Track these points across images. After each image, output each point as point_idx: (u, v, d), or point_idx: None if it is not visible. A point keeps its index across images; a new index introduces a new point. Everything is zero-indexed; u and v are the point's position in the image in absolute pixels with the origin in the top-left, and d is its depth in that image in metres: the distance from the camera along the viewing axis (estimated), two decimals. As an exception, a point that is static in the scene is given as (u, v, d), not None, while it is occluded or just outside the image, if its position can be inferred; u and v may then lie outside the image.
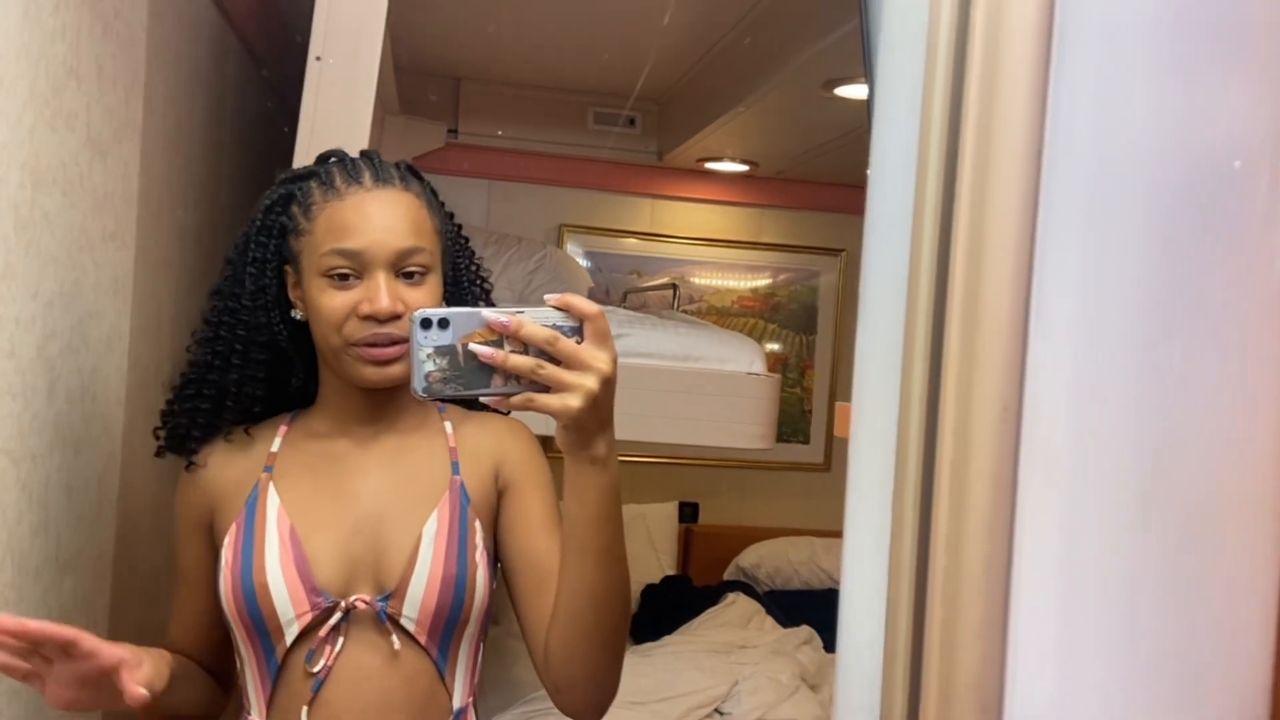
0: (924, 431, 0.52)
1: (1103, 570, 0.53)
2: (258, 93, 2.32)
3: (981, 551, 0.48)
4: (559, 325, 0.88)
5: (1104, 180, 0.49)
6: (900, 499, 0.52)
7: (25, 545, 1.16)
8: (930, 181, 0.51)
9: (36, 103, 1.11)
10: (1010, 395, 0.48)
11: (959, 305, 0.50)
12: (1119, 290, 0.50)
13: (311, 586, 1.07)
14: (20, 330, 1.11)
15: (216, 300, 1.16)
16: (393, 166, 1.14)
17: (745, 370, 1.92)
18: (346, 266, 1.07)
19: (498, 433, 1.18)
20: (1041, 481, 0.50)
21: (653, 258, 4.00)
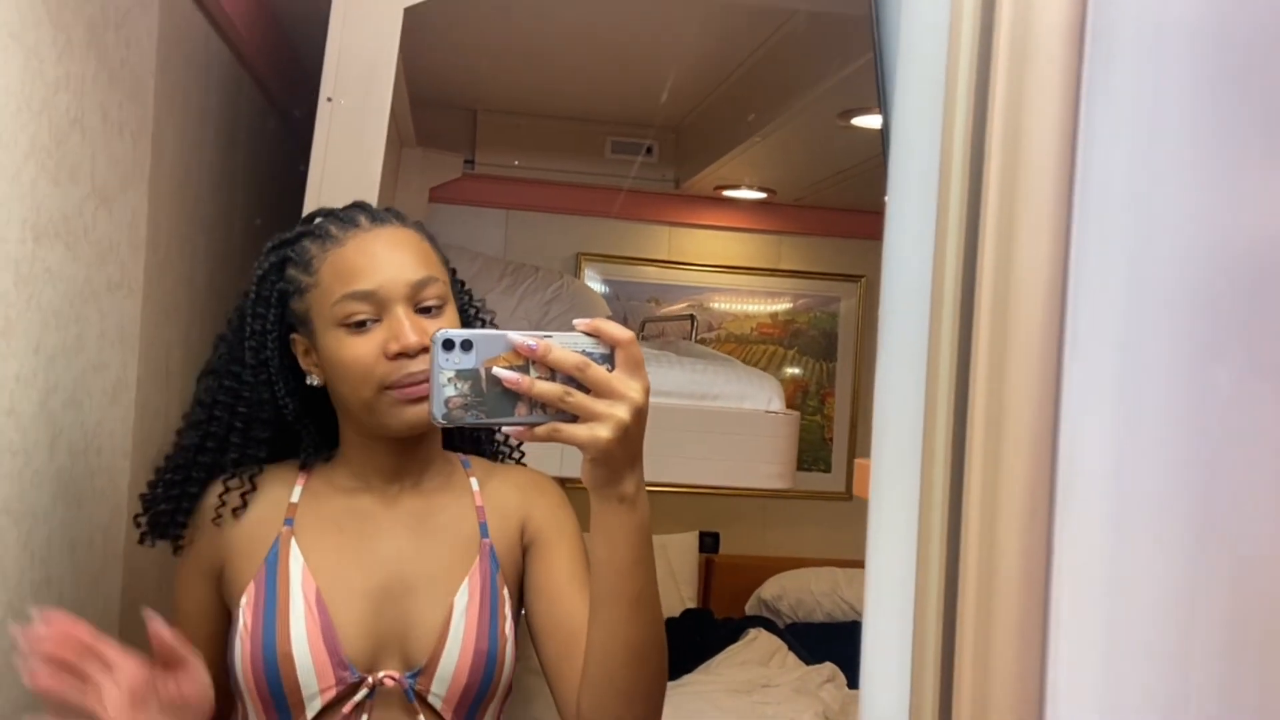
0: (949, 489, 0.48)
1: (1150, 615, 0.49)
2: (272, 133, 2.32)
3: (1015, 606, 0.45)
4: (588, 351, 0.83)
5: (1141, 234, 0.46)
6: (925, 570, 0.48)
7: (28, 603, 1.14)
8: (950, 252, 0.48)
9: (38, 155, 1.10)
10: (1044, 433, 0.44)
11: (984, 358, 0.46)
12: (1159, 323, 0.46)
13: (339, 659, 1.02)
14: (21, 386, 1.09)
15: (210, 380, 1.11)
16: (384, 210, 1.11)
17: (763, 408, 1.88)
18: (363, 310, 1.02)
19: (523, 486, 1.14)
20: (1080, 524, 0.46)
21: (671, 285, 3.97)
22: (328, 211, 1.11)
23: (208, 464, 1.10)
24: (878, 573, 0.58)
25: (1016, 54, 0.48)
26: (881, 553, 0.55)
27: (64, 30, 1.14)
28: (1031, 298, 0.48)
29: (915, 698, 0.53)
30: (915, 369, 0.51)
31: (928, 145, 0.53)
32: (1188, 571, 0.49)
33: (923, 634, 0.52)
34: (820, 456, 3.97)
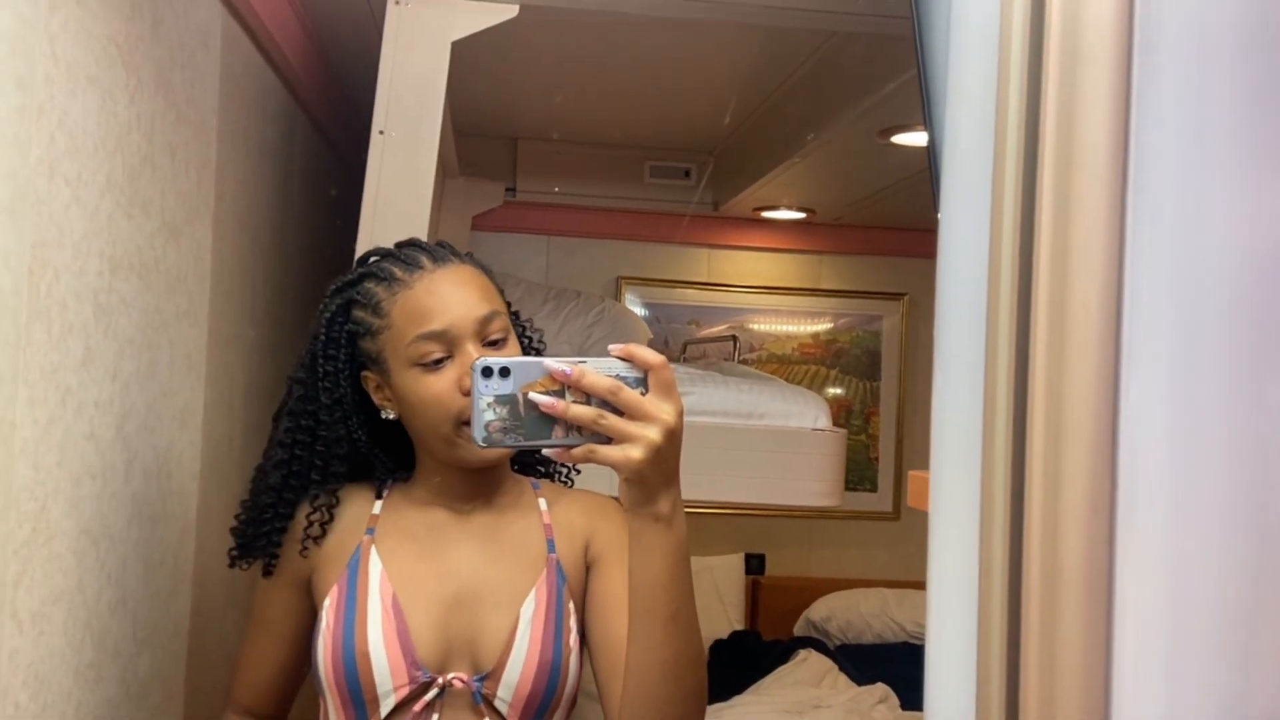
0: (1009, 509, 0.49)
1: (1212, 624, 0.49)
2: (325, 165, 2.39)
3: (1079, 614, 0.45)
4: (622, 375, 0.86)
5: (1193, 242, 0.47)
6: (988, 581, 0.49)
7: (104, 622, 1.18)
8: (1005, 267, 0.50)
9: (114, 191, 1.15)
10: (1100, 496, 0.46)
11: (1042, 369, 0.47)
12: (1214, 331, 0.47)
13: (412, 660, 1.07)
14: (99, 412, 1.14)
15: (288, 421, 1.15)
16: (440, 247, 1.15)
17: (810, 426, 1.89)
18: (436, 350, 1.07)
19: (588, 509, 1.18)
20: (1142, 533, 0.47)
21: (712, 307, 3.99)
22: (385, 252, 1.15)
23: (293, 499, 1.16)
24: (940, 584, 0.59)
25: (1066, 69, 0.50)
26: (943, 565, 0.56)
27: (135, 72, 1.20)
28: (1087, 309, 0.49)
29: (981, 710, 0.54)
30: (973, 382, 0.53)
31: (980, 161, 0.54)
32: (1249, 580, 0.49)
33: (987, 645, 0.53)
34: (866, 476, 3.96)
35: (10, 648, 0.96)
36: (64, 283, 1.03)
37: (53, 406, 1.02)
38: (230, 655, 1.71)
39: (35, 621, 1.00)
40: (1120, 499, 0.50)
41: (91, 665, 1.15)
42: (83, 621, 1.12)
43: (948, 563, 0.57)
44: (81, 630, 1.12)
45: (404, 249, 1.14)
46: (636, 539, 0.92)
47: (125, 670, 1.25)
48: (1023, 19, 0.51)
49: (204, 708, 1.57)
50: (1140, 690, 0.50)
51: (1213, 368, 0.47)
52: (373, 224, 1.75)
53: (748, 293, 3.97)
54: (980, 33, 0.57)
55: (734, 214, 3.74)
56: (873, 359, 4.05)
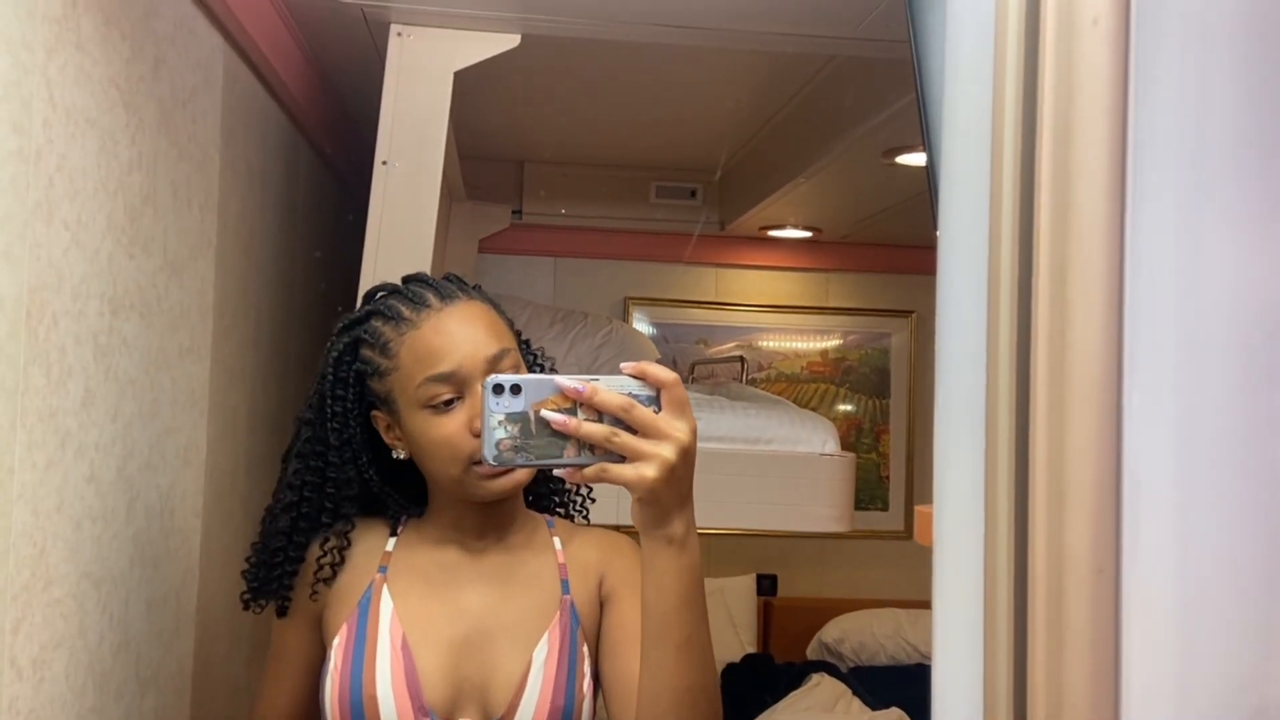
0: (1013, 522, 0.48)
1: (1222, 653, 0.48)
2: (329, 195, 2.39)
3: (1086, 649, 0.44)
4: (635, 394, 0.85)
5: (1194, 270, 0.46)
6: (993, 614, 0.48)
7: (106, 666, 1.17)
8: (1004, 292, 0.49)
9: (114, 232, 1.15)
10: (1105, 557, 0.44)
11: (1043, 394, 0.46)
12: (1214, 358, 0.46)
13: (420, 705, 1.05)
14: (100, 455, 1.13)
15: (297, 463, 1.14)
16: (447, 282, 1.13)
17: (818, 451, 1.88)
18: (445, 391, 1.05)
19: (602, 546, 1.17)
20: (1147, 563, 0.46)
21: (719, 326, 3.98)
22: (392, 288, 1.14)
23: (303, 542, 1.14)
24: (945, 618, 0.58)
25: (1062, 92, 0.49)
26: (949, 598, 0.55)
27: (136, 112, 1.20)
28: (1088, 334, 0.48)
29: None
30: (974, 409, 0.52)
31: (977, 185, 0.54)
32: (1258, 608, 0.48)
33: (994, 679, 0.52)
34: (877, 495, 3.93)
35: (10, 695, 0.95)
36: (63, 326, 1.03)
37: (51, 450, 1.01)
38: (235, 692, 1.70)
39: (36, 668, 1.00)
40: (1125, 530, 0.49)
41: (94, 709, 1.14)
42: (84, 665, 1.11)
43: (954, 597, 0.56)
44: (83, 674, 1.11)
45: (411, 285, 1.13)
46: (650, 563, 0.90)
47: (129, 712, 1.24)
48: (1016, 46, 0.50)
49: (210, 745, 1.56)
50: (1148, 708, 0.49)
51: (1214, 396, 0.46)
52: (376, 254, 1.75)
53: (755, 311, 3.97)
54: (974, 56, 0.56)
55: (740, 233, 3.74)
56: (882, 376, 4.03)
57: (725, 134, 3.05)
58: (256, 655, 1.78)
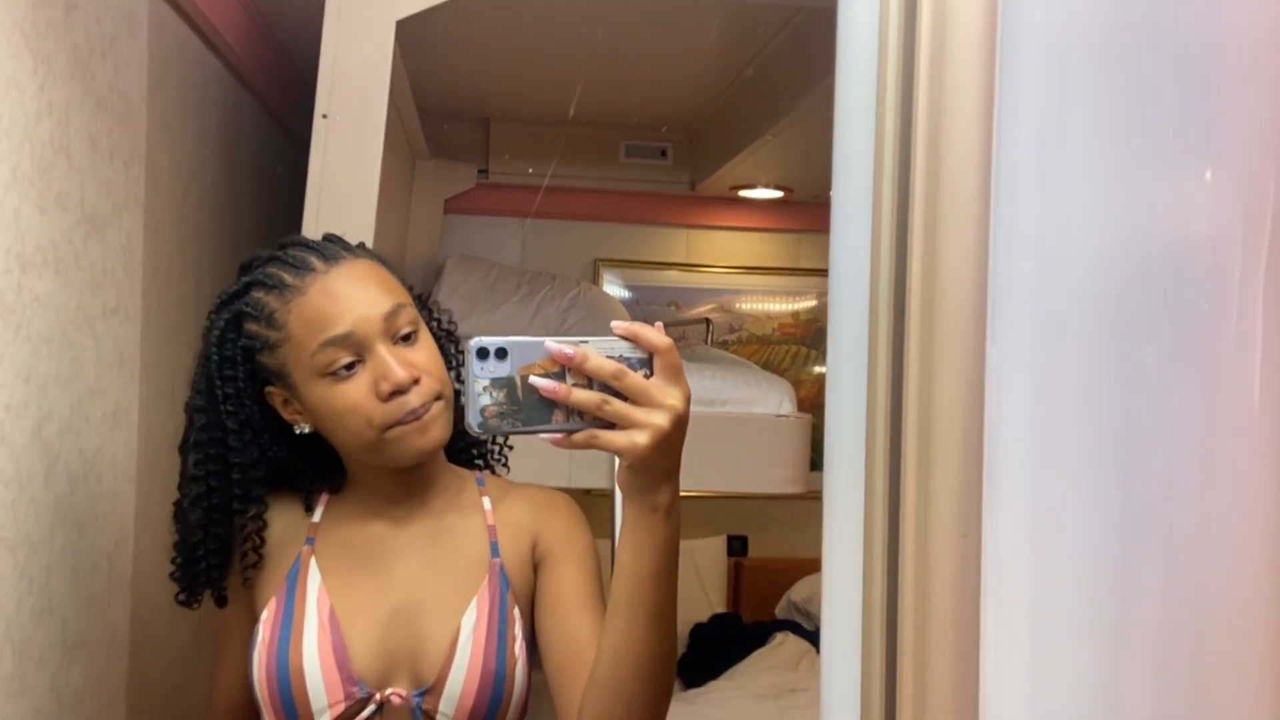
0: (886, 556, 0.46)
1: (1081, 613, 0.46)
2: (277, 149, 2.33)
3: (950, 603, 0.43)
4: (625, 357, 0.81)
5: (1052, 228, 0.44)
6: (869, 562, 0.46)
7: (27, 632, 1.14)
8: (884, 255, 0.46)
9: (21, 184, 1.10)
10: (970, 521, 0.42)
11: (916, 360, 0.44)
12: (1072, 315, 0.44)
13: (348, 675, 1.03)
14: (11, 416, 1.09)
15: (197, 453, 1.07)
16: (329, 243, 1.07)
17: (774, 413, 1.85)
18: (343, 356, 1.00)
19: (537, 505, 1.13)
20: (1005, 605, 0.44)
21: (691, 288, 3.95)
22: (269, 256, 1.07)
23: (221, 534, 1.09)
24: (832, 574, 0.57)
25: (935, 64, 0.47)
26: (836, 560, 0.53)
27: (45, 60, 1.14)
28: (957, 314, 0.47)
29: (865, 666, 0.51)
30: (859, 382, 0.50)
31: (864, 149, 0.52)
32: (1115, 550, 0.47)
33: (870, 627, 0.51)
34: (848, 455, 3.93)
35: (-93, 667, 0.92)
36: (-40, 282, 0.98)
37: (-50, 413, 0.97)
38: (183, 659, 1.68)
39: (-63, 638, 0.96)
40: (988, 479, 0.47)
41: (14, 676, 1.11)
42: (1, 632, 1.08)
43: (839, 556, 0.55)
44: (0, 640, 1.08)
45: (290, 250, 1.06)
46: (630, 529, 0.88)
47: (55, 679, 1.21)
48: (898, 20, 0.48)
49: (153, 713, 1.53)
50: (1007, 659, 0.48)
51: (1071, 352, 0.44)
52: (318, 211, 1.70)
53: (727, 273, 3.93)
54: (861, 34, 0.54)
55: (711, 194, 3.69)
56: (854, 338, 4.01)
57: (694, 91, 2.99)
58: (201, 623, 1.75)
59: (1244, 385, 0.41)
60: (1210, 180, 0.41)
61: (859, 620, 0.53)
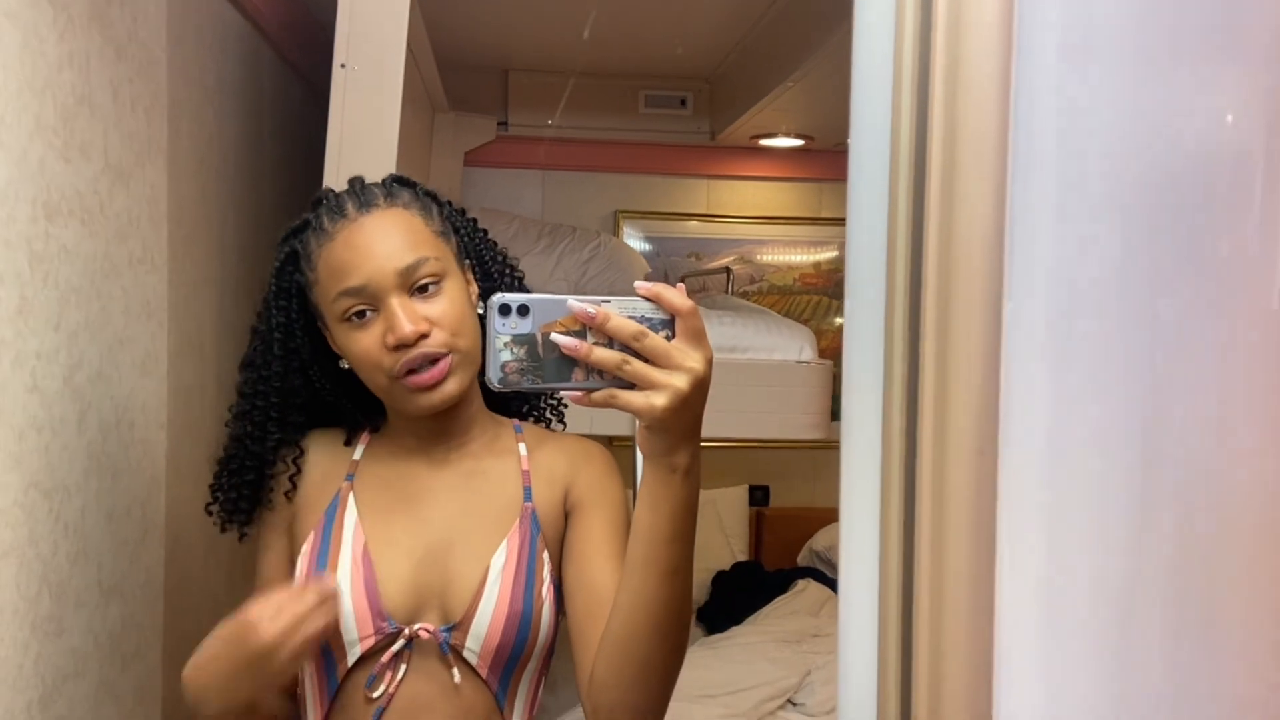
0: (904, 478, 0.46)
1: (1093, 576, 0.47)
2: (297, 101, 2.32)
3: (965, 562, 0.43)
4: (647, 317, 0.81)
5: (1073, 175, 0.43)
6: (886, 516, 0.47)
7: (64, 575, 1.17)
8: (901, 198, 0.46)
9: (45, 134, 1.11)
10: (986, 439, 0.42)
11: (933, 309, 0.44)
12: (1096, 288, 0.43)
13: (378, 610, 1.06)
14: (42, 363, 1.11)
15: (249, 372, 1.13)
16: (376, 186, 1.10)
17: (794, 359, 1.85)
18: (358, 305, 1.03)
19: (571, 454, 1.15)
20: (1023, 489, 0.45)
21: (711, 239, 3.93)
22: (327, 195, 1.11)
23: (257, 453, 1.13)
24: (850, 488, 0.57)
25: None
26: (854, 473, 0.54)
27: (64, 9, 1.15)
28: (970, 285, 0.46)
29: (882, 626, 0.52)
30: (877, 325, 0.50)
31: (882, 88, 0.51)
32: (1130, 499, 0.47)
33: (888, 539, 0.51)
34: (870, 406, 3.93)
35: (-49, 604, 0.94)
36: (-11, 231, 1.00)
37: (-16, 359, 0.99)
38: (215, 606, 1.72)
39: (-21, 577, 0.99)
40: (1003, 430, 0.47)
41: (52, 617, 1.15)
42: (38, 574, 1.11)
43: (857, 470, 0.55)
44: (37, 583, 1.11)
45: (340, 195, 1.09)
46: (648, 488, 0.88)
47: (92, 621, 1.25)
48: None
49: (186, 656, 1.57)
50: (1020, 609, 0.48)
51: (1090, 291, 0.43)
52: (339, 161, 1.70)
53: (748, 223, 3.90)
54: None
55: (731, 143, 3.66)
56: (876, 288, 3.99)
57: (713, 38, 2.95)
58: (236, 569, 1.79)
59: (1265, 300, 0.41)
60: (1231, 85, 0.41)
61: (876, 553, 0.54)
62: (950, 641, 0.49)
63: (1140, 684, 0.45)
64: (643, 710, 0.97)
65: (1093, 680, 0.47)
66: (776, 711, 2.47)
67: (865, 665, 0.57)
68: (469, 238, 1.16)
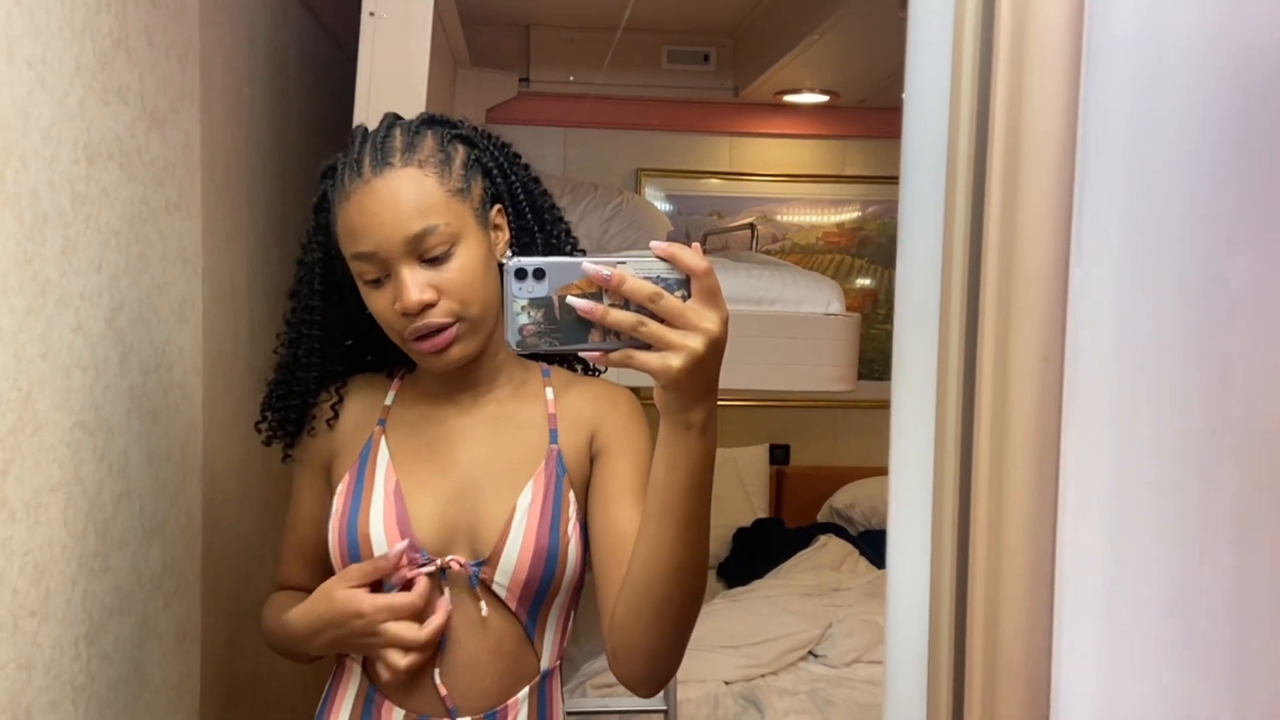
0: (961, 389, 0.47)
1: (1157, 524, 0.47)
2: (323, 53, 2.32)
3: (1024, 515, 0.44)
4: (663, 278, 0.82)
5: (1146, 78, 0.42)
6: (941, 469, 0.47)
7: (108, 514, 1.20)
8: (964, 118, 0.46)
9: (84, 76, 1.12)
10: (1052, 342, 0.42)
11: (995, 242, 0.44)
12: (1168, 211, 0.43)
13: (411, 544, 1.09)
14: (86, 304, 1.13)
15: (294, 302, 1.18)
16: (396, 136, 1.08)
17: (822, 311, 1.85)
18: (370, 270, 1.06)
19: (598, 399, 1.17)
20: (1086, 433, 0.45)
21: (734, 198, 3.91)
22: (356, 136, 1.10)
23: (303, 379, 1.18)
24: (900, 473, 0.58)
25: None
26: (904, 389, 0.54)
27: (101, -50, 1.15)
28: (1037, 210, 0.46)
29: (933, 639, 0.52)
30: (930, 291, 0.50)
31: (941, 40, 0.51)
32: (1195, 457, 0.47)
33: (939, 564, 0.52)
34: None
35: (2, 535, 0.97)
36: (33, 170, 1.01)
37: (31, 297, 1.01)
38: (248, 550, 1.75)
39: (29, 510, 1.01)
40: (1067, 405, 0.47)
41: (98, 554, 1.17)
42: (84, 512, 1.13)
43: (909, 387, 0.56)
44: (83, 520, 1.13)
45: (360, 148, 1.08)
46: (665, 443, 0.90)
47: (135, 559, 1.27)
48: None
49: (222, 599, 1.60)
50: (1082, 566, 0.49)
51: (1167, 257, 0.43)
52: (368, 110, 1.70)
53: (771, 181, 3.88)
54: None
55: (755, 99, 3.63)
56: (899, 247, 3.97)
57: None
58: (269, 514, 1.82)
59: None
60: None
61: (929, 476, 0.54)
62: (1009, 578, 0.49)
63: (1205, 626, 0.46)
64: (660, 652, 1.00)
65: (1157, 630, 0.47)
66: (798, 663, 2.50)
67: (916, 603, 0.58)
68: (504, 176, 1.13)
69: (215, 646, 1.57)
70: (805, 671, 2.46)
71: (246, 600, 1.72)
